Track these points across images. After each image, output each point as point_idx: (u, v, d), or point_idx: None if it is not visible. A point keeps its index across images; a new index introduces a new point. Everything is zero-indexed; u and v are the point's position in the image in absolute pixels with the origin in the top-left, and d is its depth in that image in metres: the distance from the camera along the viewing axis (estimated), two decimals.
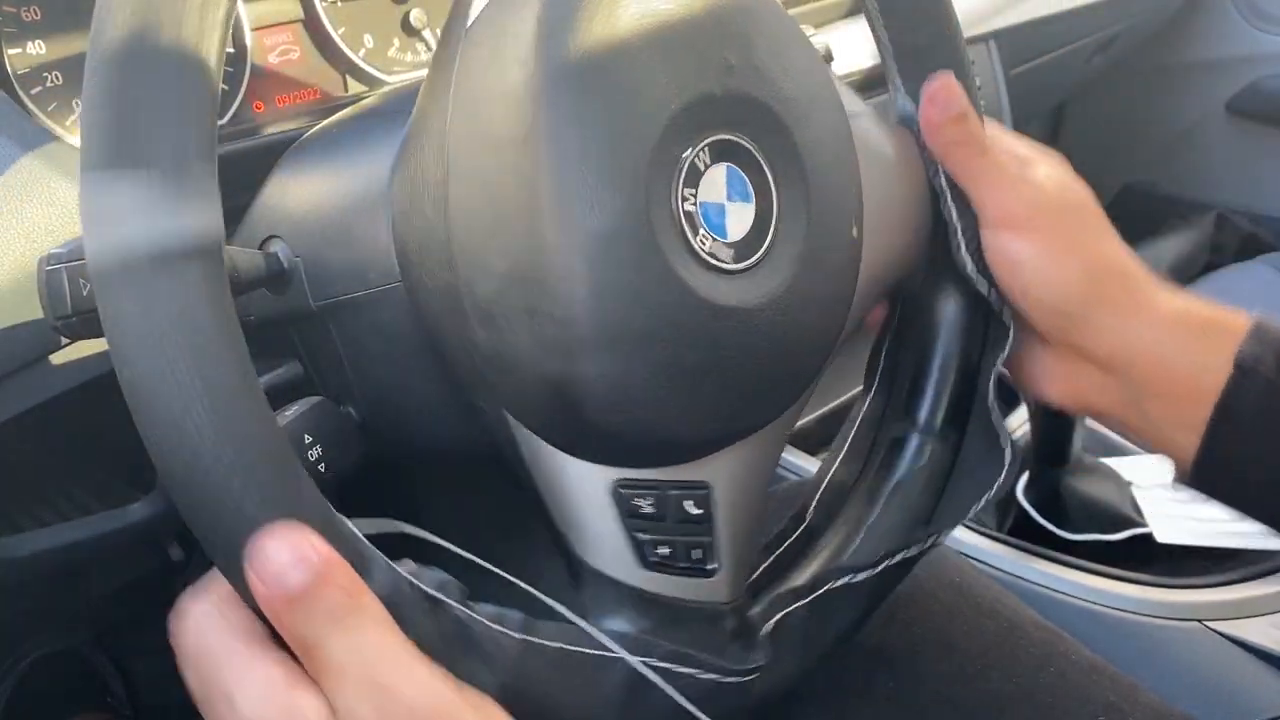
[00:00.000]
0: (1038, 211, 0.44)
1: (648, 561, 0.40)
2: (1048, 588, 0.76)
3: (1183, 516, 0.78)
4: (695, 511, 0.40)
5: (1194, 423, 0.42)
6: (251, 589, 0.27)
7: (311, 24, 0.59)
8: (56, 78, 0.51)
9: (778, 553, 0.48)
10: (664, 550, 0.39)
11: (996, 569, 0.78)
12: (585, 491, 0.39)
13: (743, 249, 0.37)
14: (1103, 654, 0.59)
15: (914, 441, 0.49)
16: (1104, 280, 0.44)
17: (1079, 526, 0.80)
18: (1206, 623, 0.71)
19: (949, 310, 0.48)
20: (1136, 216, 1.52)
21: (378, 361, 0.42)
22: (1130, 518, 0.79)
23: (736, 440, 0.40)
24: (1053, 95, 1.47)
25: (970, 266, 0.46)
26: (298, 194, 0.43)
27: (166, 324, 0.27)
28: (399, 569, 0.32)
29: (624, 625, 0.39)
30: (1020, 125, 1.06)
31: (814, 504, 0.49)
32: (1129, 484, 0.81)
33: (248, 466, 0.28)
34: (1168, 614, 0.72)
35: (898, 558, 0.46)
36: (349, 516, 0.32)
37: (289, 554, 0.27)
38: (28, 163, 0.45)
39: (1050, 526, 0.82)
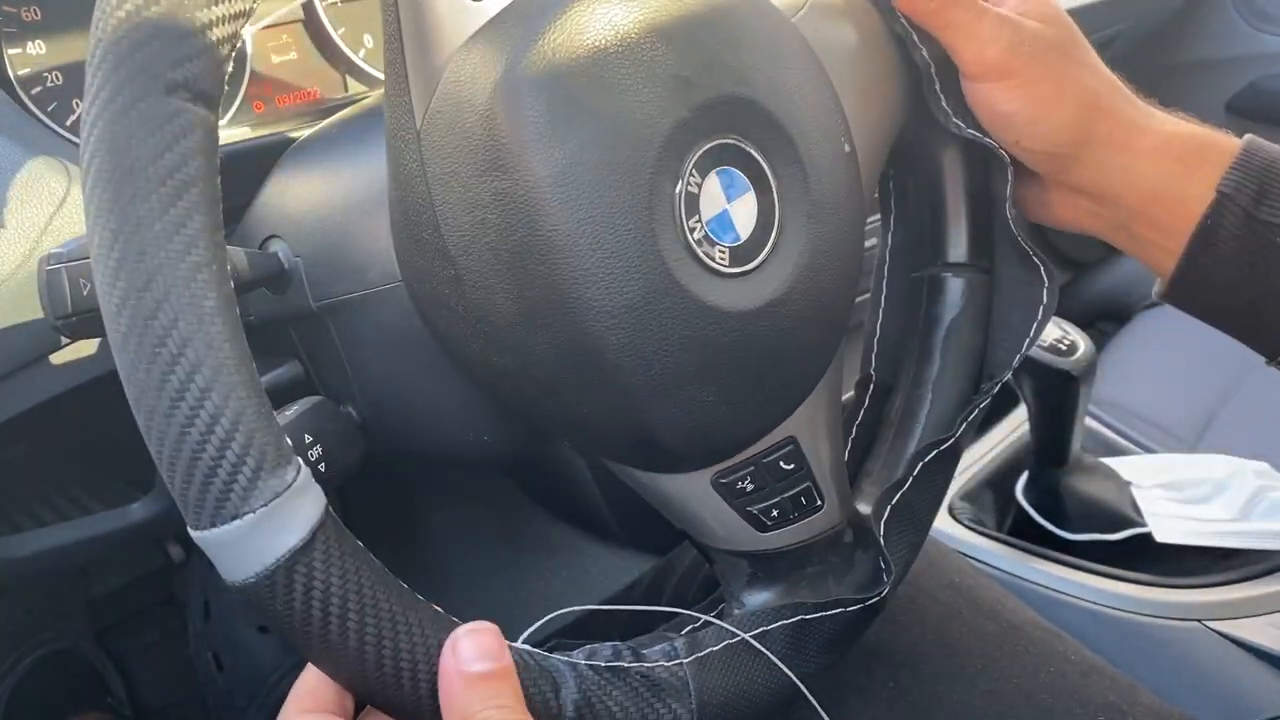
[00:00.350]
0: (1019, 55, 0.42)
1: (765, 526, 0.43)
2: (1047, 588, 0.76)
3: (1182, 516, 0.78)
4: (789, 467, 0.42)
5: (1176, 247, 0.43)
6: (441, 660, 0.32)
7: (311, 24, 0.59)
8: (56, 78, 0.51)
9: (860, 421, 0.52)
10: (775, 512, 0.43)
11: (996, 569, 0.78)
12: (690, 494, 0.42)
13: (758, 237, 0.37)
14: (1102, 654, 0.59)
15: (951, 280, 0.50)
16: (1094, 119, 0.43)
17: (1078, 526, 0.80)
18: (1206, 622, 0.71)
19: (949, 150, 0.49)
20: None
21: (378, 361, 0.42)
22: (1130, 518, 0.79)
23: (803, 402, 0.42)
24: None
25: (953, 118, 0.45)
26: (298, 194, 0.43)
27: (328, 605, 0.30)
28: (577, 659, 0.37)
29: (767, 594, 0.44)
30: None
31: (874, 360, 0.52)
32: (1128, 484, 0.81)
33: None
34: (1167, 614, 0.72)
35: (972, 414, 0.48)
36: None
37: (476, 649, 0.32)
38: (28, 162, 0.45)
39: (1050, 526, 0.82)
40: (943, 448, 0.47)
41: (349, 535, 0.31)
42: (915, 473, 0.47)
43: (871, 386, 0.52)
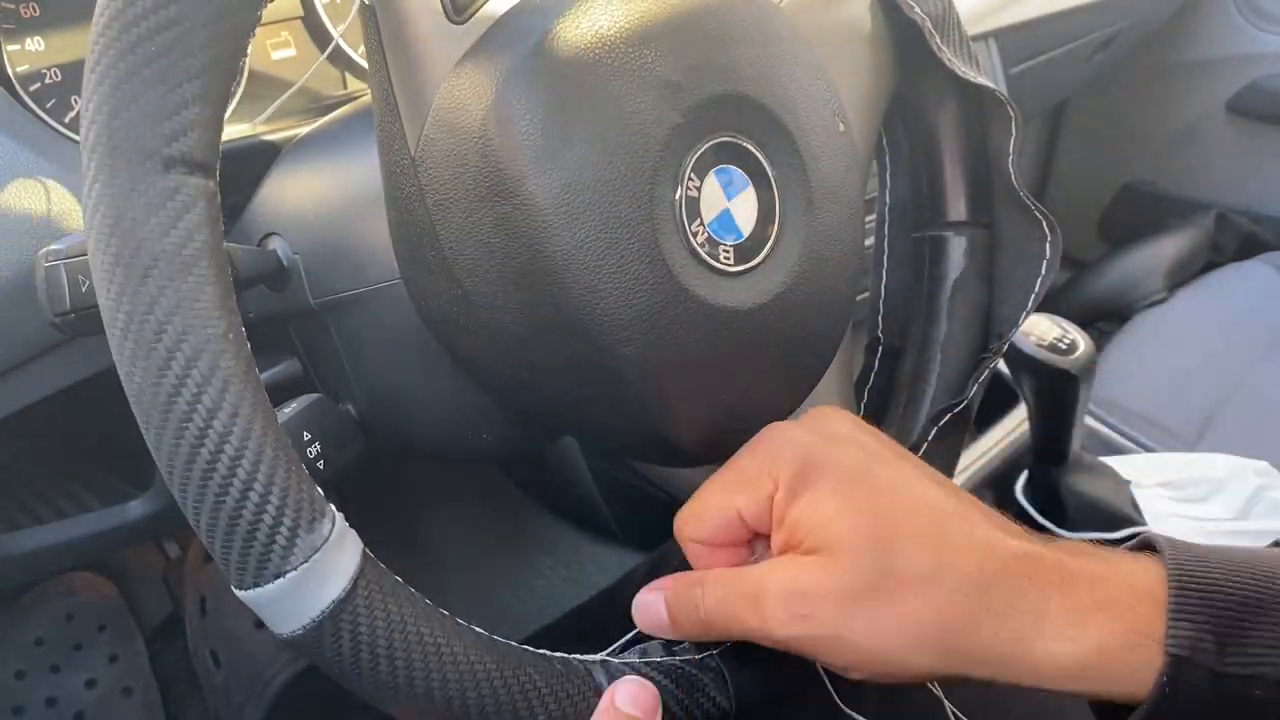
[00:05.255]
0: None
1: None
2: None
3: (1182, 515, 0.78)
4: None
5: None
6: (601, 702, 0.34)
7: (311, 21, 0.59)
8: (55, 74, 0.50)
9: (870, 385, 0.52)
10: None
11: None
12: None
13: (761, 232, 0.37)
14: None
15: (953, 239, 0.50)
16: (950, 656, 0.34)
17: (1078, 525, 0.80)
18: None
19: (945, 108, 0.49)
20: (1136, 216, 1.52)
21: (376, 358, 0.42)
22: (1129, 516, 0.79)
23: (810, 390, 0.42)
24: (1053, 94, 1.47)
25: (959, 66, 0.45)
26: (297, 191, 0.43)
27: (375, 647, 0.31)
28: (612, 660, 0.37)
29: None
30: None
31: (880, 323, 0.53)
32: (1127, 482, 0.81)
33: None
34: None
35: (983, 374, 0.48)
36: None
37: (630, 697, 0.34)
38: (26, 159, 0.45)
39: (1049, 525, 0.82)
40: (955, 411, 0.47)
41: (388, 575, 0.32)
42: (930, 437, 0.47)
43: (880, 350, 0.53)
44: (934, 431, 0.47)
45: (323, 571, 0.30)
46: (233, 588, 0.30)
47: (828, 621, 0.33)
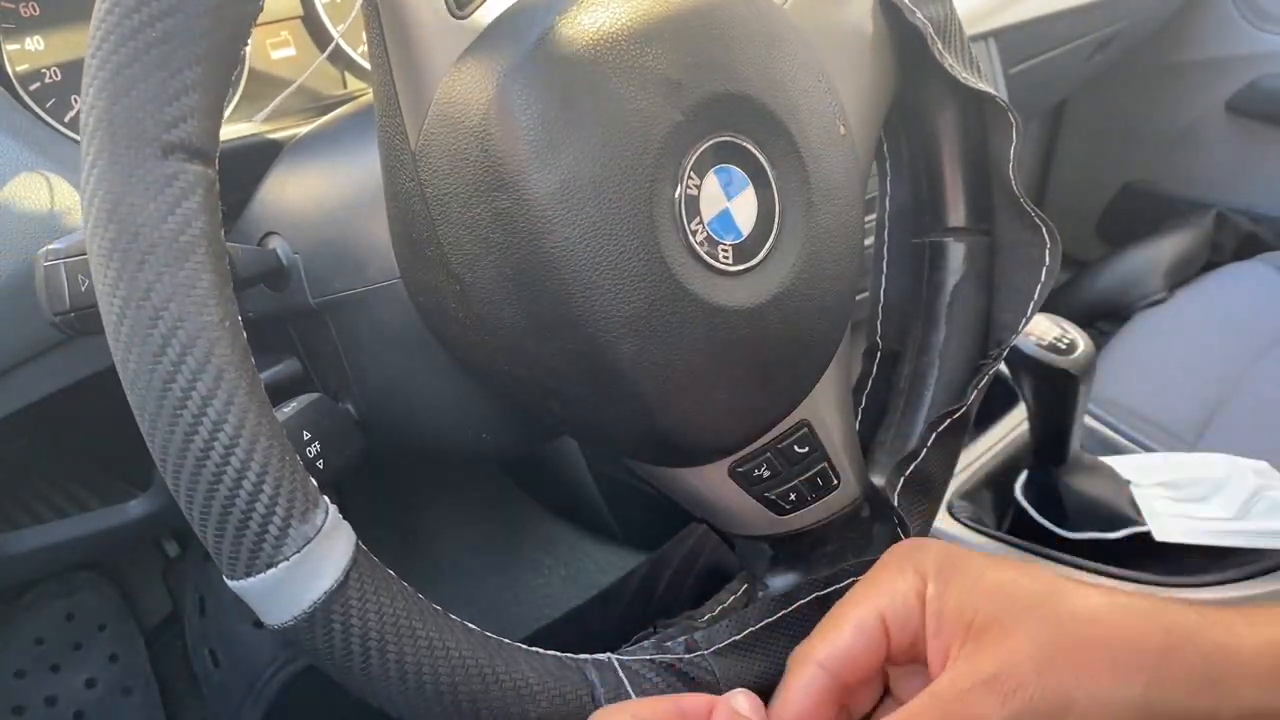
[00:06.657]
0: None
1: (783, 510, 0.44)
2: None
3: (1181, 515, 0.78)
4: (803, 450, 0.43)
5: None
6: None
7: (310, 21, 0.59)
8: (55, 74, 0.51)
9: (868, 390, 0.52)
10: (793, 496, 0.43)
11: None
12: (708, 486, 0.42)
13: (760, 232, 0.37)
14: None
15: (952, 245, 0.50)
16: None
17: (1077, 525, 0.80)
18: None
19: (945, 113, 0.49)
20: (1136, 216, 1.52)
21: (376, 357, 0.42)
22: (1129, 516, 0.79)
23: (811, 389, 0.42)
24: (1052, 94, 1.47)
25: (959, 72, 0.45)
26: (296, 191, 0.43)
27: (366, 640, 0.30)
28: (607, 657, 0.37)
29: (790, 575, 0.45)
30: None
31: (879, 328, 0.53)
32: (1127, 483, 0.81)
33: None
34: None
35: (983, 381, 0.48)
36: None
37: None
38: (26, 158, 0.45)
39: (1049, 525, 0.81)
40: (955, 417, 0.47)
41: (380, 568, 0.32)
42: (929, 443, 0.47)
43: (879, 355, 0.53)
44: (933, 438, 0.47)
45: (315, 562, 0.29)
46: (224, 578, 0.30)
47: (1033, 685, 0.29)
